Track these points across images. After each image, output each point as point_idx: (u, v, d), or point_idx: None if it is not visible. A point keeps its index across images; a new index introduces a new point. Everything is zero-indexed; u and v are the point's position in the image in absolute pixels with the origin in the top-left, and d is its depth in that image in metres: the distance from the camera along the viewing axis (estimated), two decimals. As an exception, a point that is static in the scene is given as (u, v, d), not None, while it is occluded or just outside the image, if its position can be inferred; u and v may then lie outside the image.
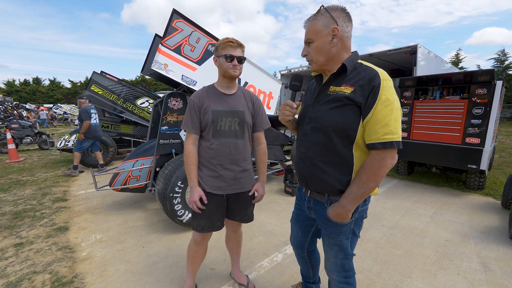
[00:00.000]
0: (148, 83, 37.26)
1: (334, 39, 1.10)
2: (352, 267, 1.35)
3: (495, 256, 2.47)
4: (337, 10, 1.11)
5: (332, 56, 1.14)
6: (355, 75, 1.11)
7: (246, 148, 1.73)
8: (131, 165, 3.20)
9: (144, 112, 6.72)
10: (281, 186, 4.60)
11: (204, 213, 1.69)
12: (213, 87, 1.70)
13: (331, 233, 1.25)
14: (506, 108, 20.24)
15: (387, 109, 1.02)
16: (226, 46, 1.58)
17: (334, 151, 1.14)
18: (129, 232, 2.93)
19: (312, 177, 1.24)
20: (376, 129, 1.04)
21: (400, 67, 9.02)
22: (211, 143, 1.64)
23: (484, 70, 3.71)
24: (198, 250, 1.84)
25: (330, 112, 1.13)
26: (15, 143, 7.60)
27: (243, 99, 1.73)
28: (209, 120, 1.61)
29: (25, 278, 2.12)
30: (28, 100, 36.98)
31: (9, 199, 3.93)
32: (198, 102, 1.63)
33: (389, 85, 1.05)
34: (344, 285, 1.34)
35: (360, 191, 1.08)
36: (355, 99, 1.06)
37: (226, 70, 1.59)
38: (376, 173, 1.06)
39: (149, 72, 3.39)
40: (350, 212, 1.13)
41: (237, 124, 1.67)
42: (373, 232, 2.93)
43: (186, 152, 1.64)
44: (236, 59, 1.59)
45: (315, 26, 1.12)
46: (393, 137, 1.03)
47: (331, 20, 1.09)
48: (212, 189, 1.67)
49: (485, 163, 3.83)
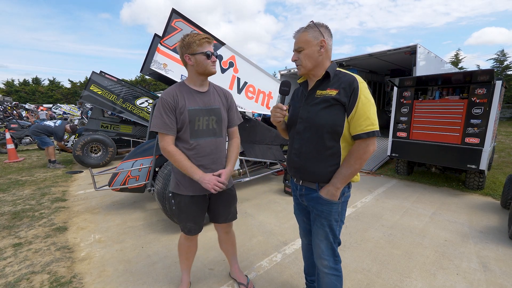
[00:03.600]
0: (147, 83, 37.21)
1: (322, 49, 1.33)
2: (339, 254, 1.49)
3: (495, 256, 2.47)
4: (323, 26, 1.35)
5: (318, 63, 1.36)
6: (337, 80, 1.33)
7: (224, 146, 1.72)
8: (130, 165, 3.20)
9: (144, 112, 6.71)
10: (280, 186, 4.59)
11: (190, 216, 1.69)
12: (184, 85, 1.61)
13: (322, 212, 1.41)
14: (505, 108, 20.22)
15: (366, 106, 1.26)
16: (203, 42, 1.53)
17: (325, 145, 1.34)
18: (128, 232, 2.93)
19: (307, 169, 1.41)
20: (360, 122, 1.27)
21: (400, 67, 9.03)
22: (190, 144, 1.58)
23: (483, 70, 3.70)
24: (190, 245, 1.85)
25: (320, 112, 1.33)
26: (14, 143, 7.58)
27: (217, 96, 1.69)
28: (185, 120, 1.54)
29: (24, 278, 2.11)
30: (28, 100, 36.87)
31: (8, 199, 3.92)
32: (172, 101, 1.52)
33: (365, 87, 1.29)
34: (334, 271, 1.46)
35: (348, 171, 1.30)
36: (340, 99, 1.28)
37: (207, 67, 1.55)
38: (361, 157, 1.29)
39: (148, 72, 3.38)
40: (339, 190, 1.34)
41: (214, 122, 1.64)
42: (373, 232, 2.92)
43: (171, 152, 1.52)
44: (213, 55, 1.56)
45: (306, 36, 1.33)
46: (373, 128, 1.27)
47: (319, 34, 1.32)
48: (195, 191, 1.64)
49: (484, 163, 3.83)
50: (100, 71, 6.52)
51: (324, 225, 1.42)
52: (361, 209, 3.61)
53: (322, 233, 1.43)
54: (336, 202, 1.37)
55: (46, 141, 5.84)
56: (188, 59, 1.56)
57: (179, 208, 1.69)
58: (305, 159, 1.40)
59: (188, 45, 1.53)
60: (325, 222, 1.41)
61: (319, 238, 1.45)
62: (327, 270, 1.45)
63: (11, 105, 18.82)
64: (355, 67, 8.44)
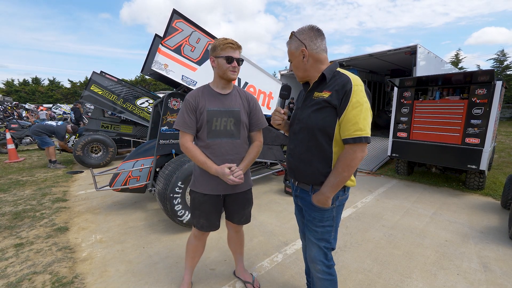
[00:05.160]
0: (147, 83, 37.17)
1: (304, 58, 1.34)
2: (332, 258, 1.48)
3: (495, 256, 2.47)
4: (304, 32, 1.33)
5: (307, 69, 1.37)
6: (333, 82, 1.31)
7: (242, 148, 1.73)
8: (131, 165, 3.20)
9: (144, 112, 6.71)
10: (281, 186, 4.60)
11: (202, 214, 1.72)
12: (208, 87, 1.69)
13: (314, 219, 1.41)
14: (505, 108, 20.23)
15: (357, 110, 1.21)
16: (226, 47, 1.57)
17: (317, 147, 1.33)
18: (129, 233, 2.93)
19: (299, 170, 1.42)
20: (348, 127, 1.23)
21: (400, 67, 9.03)
22: (207, 144, 1.64)
23: (483, 71, 3.71)
24: (198, 245, 1.88)
25: (312, 114, 1.33)
26: (15, 143, 7.58)
27: (239, 99, 1.72)
28: (204, 120, 1.61)
29: (25, 279, 2.12)
30: (28, 100, 36.82)
31: (9, 199, 3.93)
32: (194, 102, 1.62)
33: (360, 90, 1.23)
34: (327, 275, 1.45)
35: (336, 179, 1.26)
36: (331, 102, 1.26)
37: (225, 72, 1.59)
38: (349, 164, 1.23)
39: (149, 72, 3.39)
40: (329, 198, 1.30)
41: (232, 124, 1.67)
42: (373, 232, 2.93)
43: (188, 148, 1.62)
44: (235, 61, 1.59)
45: (290, 49, 1.39)
46: (361, 133, 1.21)
47: (299, 43, 1.33)
48: (208, 190, 1.68)
49: (484, 163, 3.83)
50: (100, 71, 6.52)
51: (317, 231, 1.41)
52: (362, 209, 3.62)
53: (314, 239, 1.44)
54: (328, 208, 1.36)
55: (47, 141, 5.85)
56: (212, 61, 1.64)
57: (194, 204, 1.75)
58: (298, 160, 1.42)
59: (214, 48, 1.61)
60: (317, 229, 1.41)
61: (311, 242, 1.46)
62: (320, 275, 1.45)
63: (11, 105, 18.80)
64: (355, 67, 8.45)
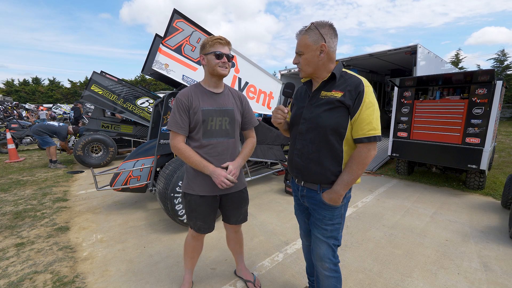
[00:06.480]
0: (148, 83, 37.18)
1: (322, 54, 1.28)
2: (338, 255, 1.49)
3: (495, 256, 2.48)
4: (325, 27, 1.26)
5: (319, 67, 1.32)
6: (343, 82, 1.30)
7: (237, 147, 1.73)
8: (131, 165, 3.20)
9: (144, 112, 6.72)
10: (281, 186, 4.60)
11: (199, 216, 1.70)
12: (200, 86, 1.66)
13: (324, 217, 1.41)
14: (506, 108, 20.23)
15: (370, 110, 1.24)
16: (215, 43, 1.55)
17: (328, 147, 1.32)
18: (130, 232, 2.94)
19: (309, 170, 1.40)
20: (362, 126, 1.25)
21: (400, 67, 9.03)
22: (201, 144, 1.61)
23: (484, 70, 3.71)
24: (196, 245, 1.86)
25: (324, 114, 1.31)
26: (15, 143, 7.59)
27: (232, 98, 1.72)
28: (199, 120, 1.57)
29: (27, 278, 2.12)
30: (28, 100, 36.86)
31: (10, 199, 3.93)
32: (187, 102, 1.57)
33: (370, 91, 1.27)
34: (334, 273, 1.45)
35: (350, 178, 1.29)
36: (345, 102, 1.26)
37: (215, 68, 1.57)
38: (363, 162, 1.27)
39: (149, 72, 3.39)
40: (342, 196, 1.32)
41: (227, 123, 1.65)
42: (374, 232, 2.93)
43: (181, 149, 1.56)
44: (225, 56, 1.57)
45: (305, 40, 1.28)
46: (375, 132, 1.25)
47: (320, 37, 1.25)
48: (205, 192, 1.66)
49: (485, 163, 3.84)
50: (100, 71, 6.54)
51: (326, 230, 1.41)
52: (362, 209, 3.62)
53: (322, 237, 1.43)
54: (338, 206, 1.37)
55: (48, 140, 5.86)
56: (202, 59, 1.61)
57: (190, 206, 1.72)
58: (307, 160, 1.39)
59: (203, 46, 1.59)
60: (326, 227, 1.41)
61: (320, 241, 1.44)
62: (327, 273, 1.45)
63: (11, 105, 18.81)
64: (355, 67, 8.45)
